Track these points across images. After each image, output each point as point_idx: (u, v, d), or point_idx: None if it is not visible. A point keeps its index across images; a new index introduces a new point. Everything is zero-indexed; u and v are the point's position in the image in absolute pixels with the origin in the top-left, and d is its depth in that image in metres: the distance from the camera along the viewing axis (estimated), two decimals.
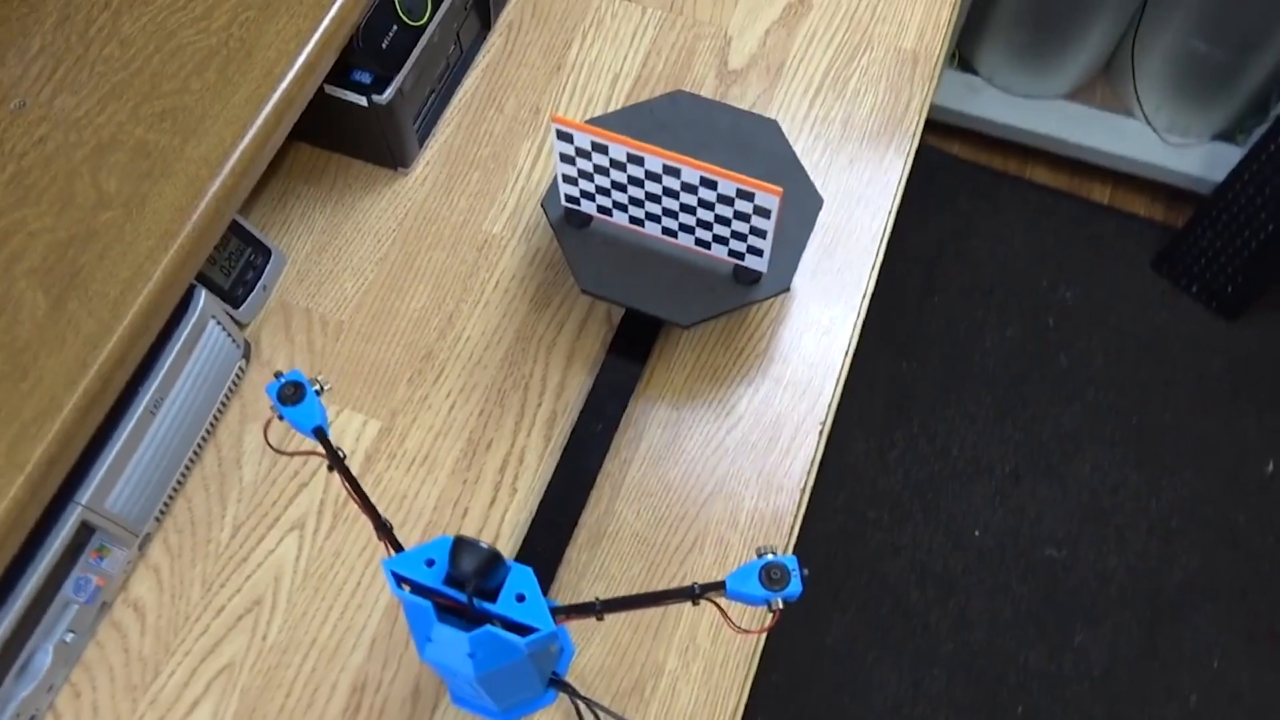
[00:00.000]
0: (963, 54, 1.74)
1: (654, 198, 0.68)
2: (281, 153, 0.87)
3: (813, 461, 0.74)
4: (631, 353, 0.75)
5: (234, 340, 0.74)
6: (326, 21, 0.70)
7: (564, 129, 0.64)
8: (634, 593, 0.55)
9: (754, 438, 0.75)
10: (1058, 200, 1.78)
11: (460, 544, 0.50)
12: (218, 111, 0.67)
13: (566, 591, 0.70)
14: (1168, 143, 1.68)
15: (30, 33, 0.69)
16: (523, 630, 0.51)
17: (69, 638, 0.66)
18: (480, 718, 0.66)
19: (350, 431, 0.75)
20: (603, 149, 0.65)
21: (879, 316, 1.70)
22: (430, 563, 0.53)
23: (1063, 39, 1.61)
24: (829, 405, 0.76)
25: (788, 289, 0.72)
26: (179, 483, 0.73)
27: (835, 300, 0.79)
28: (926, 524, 1.54)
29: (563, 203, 0.73)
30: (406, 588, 0.52)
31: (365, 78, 0.77)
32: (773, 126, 0.77)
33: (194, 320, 0.69)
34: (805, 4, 0.93)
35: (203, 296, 0.70)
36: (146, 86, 0.68)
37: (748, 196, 0.63)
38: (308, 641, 0.69)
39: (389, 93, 0.76)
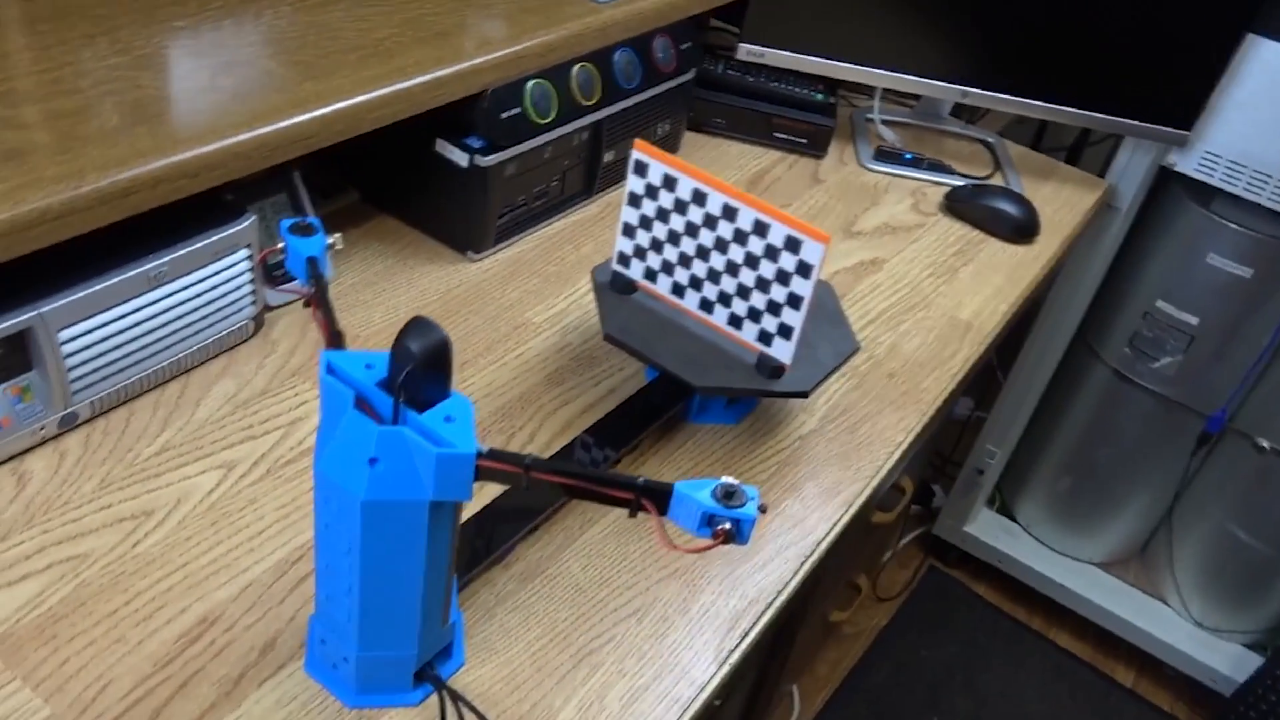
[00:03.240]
0: (1004, 498, 1.77)
1: (703, 253, 0.69)
2: (365, 217, 0.92)
3: (786, 584, 0.66)
4: (626, 428, 0.72)
5: (254, 294, 0.74)
6: (466, 65, 0.79)
7: (643, 158, 0.68)
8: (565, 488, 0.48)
9: (729, 545, 0.68)
10: (1079, 669, 1.69)
11: (416, 321, 0.46)
12: (344, 74, 0.73)
13: (479, 609, 0.61)
14: (1200, 633, 1.62)
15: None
16: None
17: None
18: (327, 691, 0.55)
19: (310, 421, 0.71)
20: (672, 184, 0.68)
21: (875, 717, 1.55)
22: (369, 366, 0.48)
23: (1103, 500, 1.63)
24: (817, 542, 0.69)
25: (806, 394, 0.70)
26: (133, 389, 0.68)
27: (847, 468, 0.76)
28: None
29: (613, 266, 0.75)
30: None
31: (476, 143, 0.83)
32: (826, 288, 0.80)
33: (232, 231, 0.69)
34: (876, 265, 1.00)
35: (251, 219, 0.71)
36: (293, 46, 0.75)
37: (794, 247, 0.64)
38: (179, 563, 0.60)
39: (493, 158, 0.83)
